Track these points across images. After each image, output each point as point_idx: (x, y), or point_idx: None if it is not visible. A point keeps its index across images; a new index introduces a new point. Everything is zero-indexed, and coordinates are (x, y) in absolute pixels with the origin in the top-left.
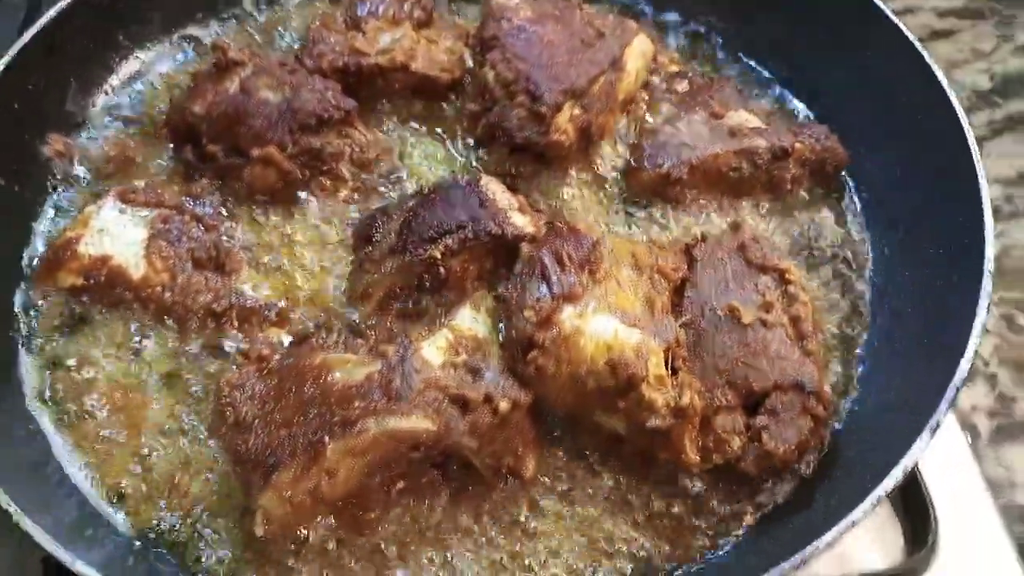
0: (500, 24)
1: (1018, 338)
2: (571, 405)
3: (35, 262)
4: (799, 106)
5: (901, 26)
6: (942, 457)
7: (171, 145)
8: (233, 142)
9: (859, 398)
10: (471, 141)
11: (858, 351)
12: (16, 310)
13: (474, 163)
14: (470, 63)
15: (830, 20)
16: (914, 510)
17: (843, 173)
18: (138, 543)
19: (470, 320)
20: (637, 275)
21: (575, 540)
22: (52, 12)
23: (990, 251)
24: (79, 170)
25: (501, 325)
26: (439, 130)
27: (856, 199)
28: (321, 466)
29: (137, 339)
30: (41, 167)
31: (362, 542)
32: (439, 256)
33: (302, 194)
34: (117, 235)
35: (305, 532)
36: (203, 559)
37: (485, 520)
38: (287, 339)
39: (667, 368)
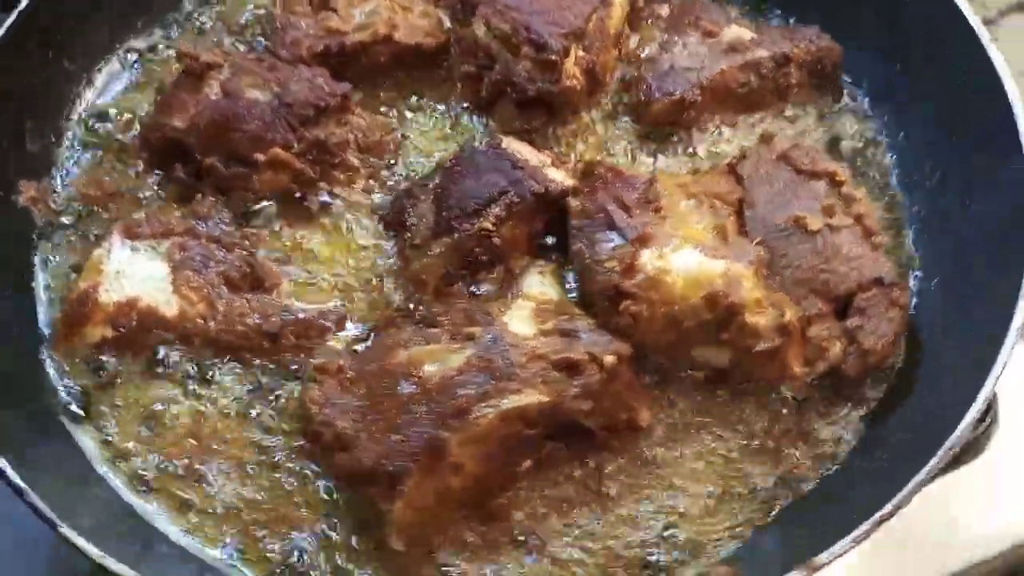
0: None
1: None
2: (669, 346)
3: (49, 323)
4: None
5: None
6: None
7: (154, 168)
8: (230, 150)
9: (921, 279)
10: (468, 104)
11: (906, 233)
12: (52, 378)
13: (480, 127)
14: (448, 24)
15: None
16: None
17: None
18: None
19: (539, 285)
20: (696, 205)
21: (700, 475)
22: None
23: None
24: (62, 216)
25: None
26: (434, 100)
27: (860, 96)
28: (446, 462)
29: (191, 380)
30: (21, 219)
31: (500, 527)
32: (491, 227)
33: (319, 193)
34: (137, 275)
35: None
36: None
37: (609, 479)
38: (354, 345)
39: (760, 290)
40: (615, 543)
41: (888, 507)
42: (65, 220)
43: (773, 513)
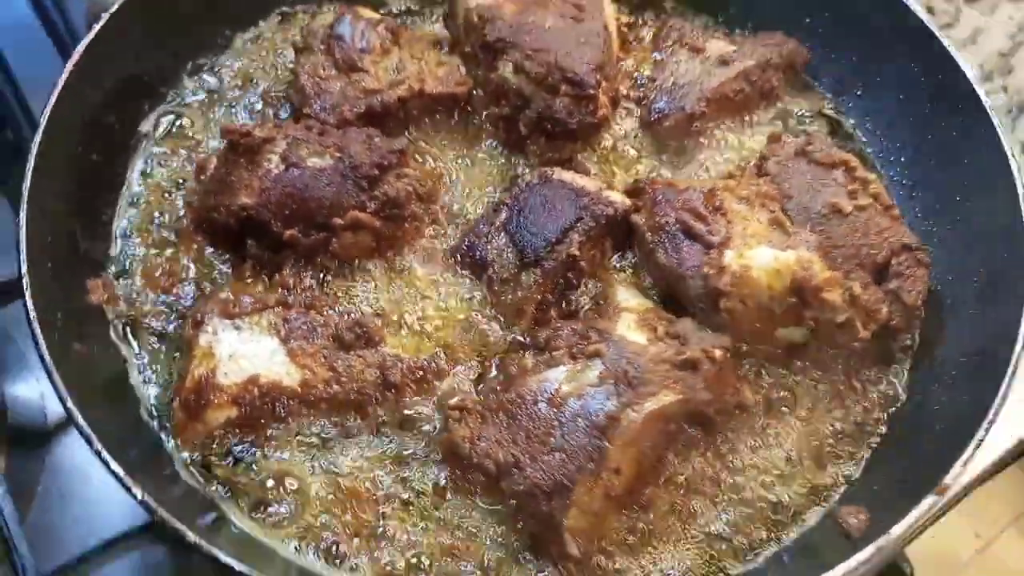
0: (496, 25)
1: None
2: (758, 332)
3: (164, 418)
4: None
5: None
6: None
7: (210, 249)
8: (308, 219)
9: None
10: (494, 144)
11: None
12: (183, 474)
13: (519, 162)
14: (463, 70)
15: None
16: None
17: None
18: None
19: (629, 297)
20: (748, 205)
21: (798, 434)
22: (30, 170)
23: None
24: (136, 308)
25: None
26: (465, 142)
27: (824, 88)
28: (608, 468)
29: (329, 448)
30: (98, 321)
31: (654, 513)
32: (577, 252)
33: (395, 248)
34: (250, 353)
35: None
36: None
37: (728, 454)
38: (469, 383)
39: (828, 270)
40: (747, 495)
41: (981, 430)
42: (140, 312)
43: (866, 456)
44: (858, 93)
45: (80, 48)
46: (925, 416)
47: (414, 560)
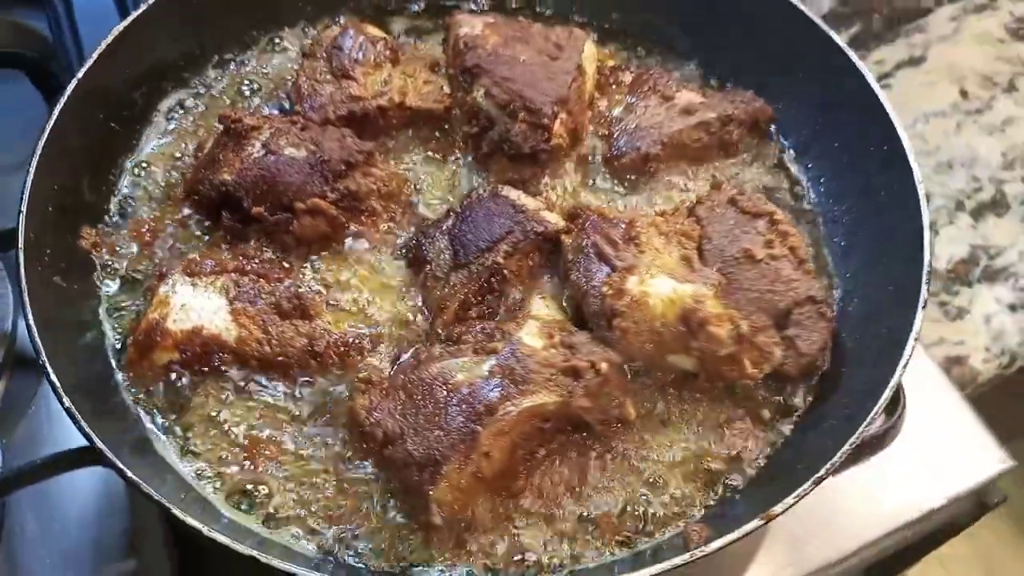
0: (477, 53)
1: None
2: (649, 354)
3: (120, 349)
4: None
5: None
6: None
7: (194, 216)
8: (275, 200)
9: (841, 298)
10: (470, 159)
11: (827, 263)
12: (128, 402)
13: (479, 178)
14: (447, 90)
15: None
16: None
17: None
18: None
19: (543, 307)
20: (666, 241)
21: (673, 454)
22: (54, 117)
23: (916, 169)
24: (118, 256)
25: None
26: (438, 154)
27: (787, 147)
28: (479, 451)
29: (249, 398)
30: (83, 261)
31: (519, 502)
32: (502, 261)
33: (349, 236)
34: (199, 307)
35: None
36: None
37: (606, 462)
38: (391, 361)
39: (720, 307)
40: (607, 508)
41: (822, 471)
42: (120, 260)
43: (733, 485)
44: (816, 154)
45: (119, 27)
46: (797, 458)
47: (304, 513)
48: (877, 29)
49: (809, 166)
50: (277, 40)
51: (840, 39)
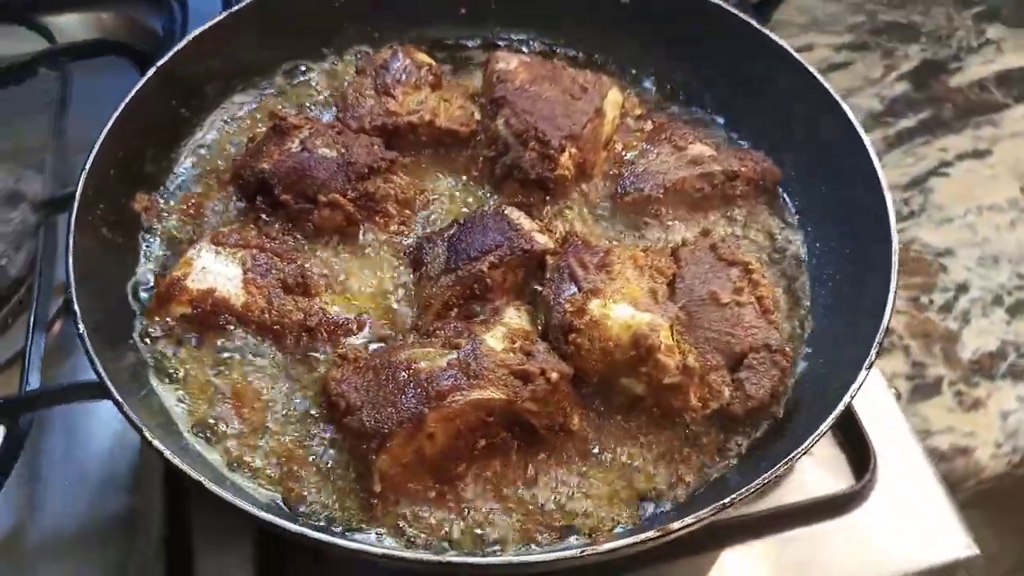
0: (506, 86)
1: (922, 315)
2: (602, 373)
3: (144, 297)
4: (734, 135)
5: (813, 71)
6: (876, 408)
7: (235, 197)
8: (301, 191)
9: (811, 355)
10: (484, 179)
11: (806, 320)
12: (135, 337)
13: (492, 197)
14: (478, 116)
15: (750, 68)
16: (857, 449)
17: (779, 187)
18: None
19: (515, 316)
20: (639, 273)
21: (613, 470)
22: (131, 95)
23: (895, 243)
24: (163, 221)
25: (540, 318)
26: (458, 172)
27: (791, 207)
28: (424, 431)
29: (244, 357)
30: (132, 220)
31: (453, 488)
32: (486, 270)
33: (362, 230)
34: (217, 272)
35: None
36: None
37: (546, 465)
38: (371, 344)
39: (673, 339)
40: (534, 508)
41: (726, 500)
42: (164, 224)
43: (661, 511)
44: (816, 219)
45: (200, 29)
46: (726, 493)
47: (274, 462)
48: (947, 118)
49: (808, 229)
50: (342, 59)
51: (854, 116)
